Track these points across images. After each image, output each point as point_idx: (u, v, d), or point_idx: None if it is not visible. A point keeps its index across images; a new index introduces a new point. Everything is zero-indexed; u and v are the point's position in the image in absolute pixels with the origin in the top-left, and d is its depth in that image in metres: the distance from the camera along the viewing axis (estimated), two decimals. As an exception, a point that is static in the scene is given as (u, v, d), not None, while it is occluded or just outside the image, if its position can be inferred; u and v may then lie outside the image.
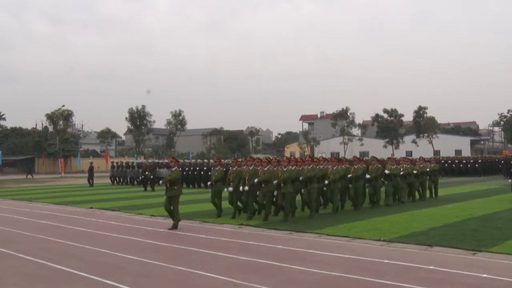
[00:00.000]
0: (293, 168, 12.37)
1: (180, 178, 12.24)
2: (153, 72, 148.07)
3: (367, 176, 14.88)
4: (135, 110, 68.93)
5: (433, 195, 17.73)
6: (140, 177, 27.43)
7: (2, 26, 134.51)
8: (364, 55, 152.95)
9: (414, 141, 65.45)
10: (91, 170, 29.79)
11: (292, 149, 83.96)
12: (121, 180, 30.87)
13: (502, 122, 70.20)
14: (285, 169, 12.03)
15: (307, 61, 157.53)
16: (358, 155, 63.27)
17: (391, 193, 15.59)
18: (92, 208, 16.45)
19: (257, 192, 12.41)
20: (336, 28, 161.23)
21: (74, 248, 9.16)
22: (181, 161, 24.63)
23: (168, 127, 75.45)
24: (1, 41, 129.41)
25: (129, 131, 75.65)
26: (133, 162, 32.90)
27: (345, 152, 68.69)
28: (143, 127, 70.02)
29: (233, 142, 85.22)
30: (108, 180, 32.06)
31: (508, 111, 66.75)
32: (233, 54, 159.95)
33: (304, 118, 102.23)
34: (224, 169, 13.62)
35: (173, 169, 11.62)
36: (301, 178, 12.38)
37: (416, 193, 16.87)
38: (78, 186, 30.27)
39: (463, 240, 9.03)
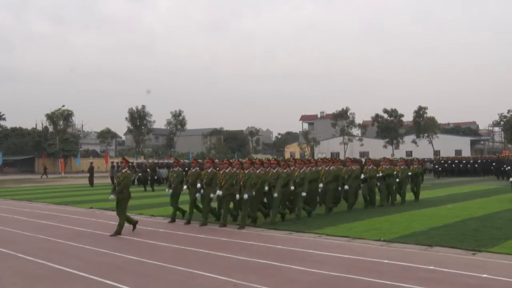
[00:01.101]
0: (257, 171, 11.65)
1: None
2: (153, 72, 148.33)
3: (362, 176, 14.78)
4: (135, 110, 68.92)
5: (416, 198, 16.68)
6: (136, 177, 27.47)
7: (2, 26, 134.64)
8: (364, 55, 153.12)
9: (414, 141, 65.43)
10: (91, 170, 29.82)
11: (292, 149, 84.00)
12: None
13: (502, 122, 70.17)
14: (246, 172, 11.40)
15: (307, 61, 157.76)
16: (358, 155, 63.62)
17: (385, 194, 15.40)
18: (92, 208, 16.45)
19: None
20: (336, 28, 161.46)
21: (74, 248, 9.16)
22: (181, 161, 24.61)
23: (168, 127, 75.41)
24: (2, 41, 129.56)
25: (129, 131, 75.62)
26: (132, 162, 32.88)
27: (345, 152, 68.70)
28: (143, 127, 70.00)
29: (233, 142, 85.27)
30: (108, 180, 32.05)
31: (508, 111, 66.76)
32: (233, 54, 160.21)
33: (304, 118, 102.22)
34: (184, 170, 13.22)
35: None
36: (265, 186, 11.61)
37: (398, 196, 16.04)
38: (78, 186, 30.28)
39: (463, 240, 9.03)
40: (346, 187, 14.01)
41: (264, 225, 11.43)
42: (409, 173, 16.34)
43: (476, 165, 37.23)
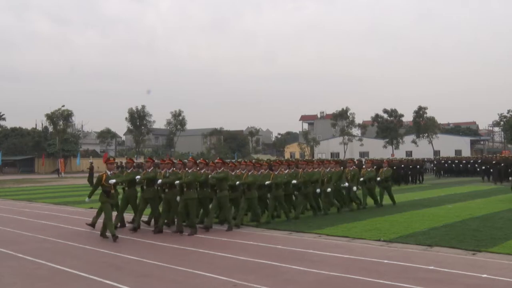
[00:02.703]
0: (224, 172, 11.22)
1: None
2: (153, 72, 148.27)
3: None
4: (135, 110, 68.91)
5: (380, 202, 15.27)
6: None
7: (3, 25, 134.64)
8: (365, 55, 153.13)
9: (414, 141, 65.42)
10: (91, 170, 29.75)
11: (292, 149, 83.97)
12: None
13: (502, 122, 70.12)
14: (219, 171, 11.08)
15: (307, 61, 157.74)
16: (358, 156, 63.62)
17: (366, 197, 14.81)
18: (92, 208, 16.43)
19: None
20: (337, 29, 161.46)
21: (74, 248, 9.16)
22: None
23: (168, 127, 75.39)
24: (3, 40, 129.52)
25: (129, 131, 75.58)
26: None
27: (345, 152, 68.70)
28: (143, 127, 69.98)
29: (233, 142, 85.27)
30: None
31: (508, 111, 66.67)
32: (234, 54, 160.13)
33: (304, 118, 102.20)
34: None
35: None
36: (237, 183, 11.19)
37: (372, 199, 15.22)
38: (78, 186, 30.25)
39: (463, 240, 9.03)
40: (318, 190, 13.10)
41: (264, 225, 11.43)
42: (378, 178, 15.21)
43: (476, 165, 37.14)
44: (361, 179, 14.78)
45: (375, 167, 16.83)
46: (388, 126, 69.13)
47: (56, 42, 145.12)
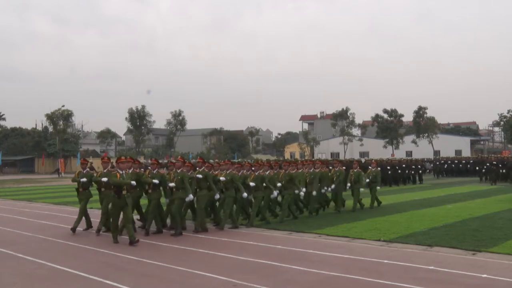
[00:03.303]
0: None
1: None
2: (154, 72, 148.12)
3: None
4: (135, 110, 68.92)
5: (371, 204, 14.81)
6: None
7: (3, 25, 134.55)
8: (365, 55, 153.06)
9: (414, 141, 65.41)
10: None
11: (292, 149, 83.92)
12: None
13: (502, 122, 70.08)
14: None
15: (307, 61, 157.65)
16: (358, 156, 63.60)
17: (340, 200, 14.08)
18: (92, 208, 16.42)
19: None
20: (337, 28, 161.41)
21: (74, 248, 9.16)
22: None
23: (168, 127, 75.40)
24: (3, 40, 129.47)
25: (129, 131, 75.58)
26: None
27: (345, 152, 68.68)
28: (143, 127, 70.00)
29: (233, 142, 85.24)
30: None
31: (508, 111, 66.52)
32: (234, 54, 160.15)
33: (304, 118, 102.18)
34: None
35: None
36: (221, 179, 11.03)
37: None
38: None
39: (463, 240, 9.03)
40: (301, 192, 12.62)
41: (264, 225, 11.44)
42: (366, 180, 14.80)
43: (468, 166, 36.99)
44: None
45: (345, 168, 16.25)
46: (388, 126, 69.10)
47: (56, 42, 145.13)
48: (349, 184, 14.43)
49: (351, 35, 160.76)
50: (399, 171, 27.78)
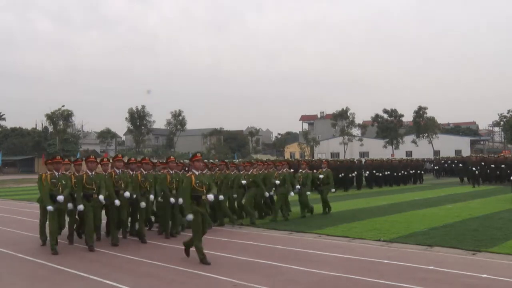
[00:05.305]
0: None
1: None
2: (154, 72, 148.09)
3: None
4: (135, 110, 68.92)
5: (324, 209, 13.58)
6: None
7: (4, 25, 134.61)
8: (365, 55, 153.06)
9: (414, 141, 65.41)
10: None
11: (292, 150, 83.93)
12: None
13: (502, 122, 70.10)
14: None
15: (307, 61, 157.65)
16: (358, 156, 63.56)
17: (306, 204, 12.94)
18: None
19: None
20: (337, 29, 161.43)
21: (74, 248, 9.15)
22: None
23: (168, 127, 75.40)
24: (3, 40, 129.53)
25: (129, 131, 75.57)
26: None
27: (345, 152, 68.68)
28: (143, 127, 69.99)
29: (233, 142, 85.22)
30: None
31: (508, 111, 66.59)
32: (234, 54, 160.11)
33: (304, 118, 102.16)
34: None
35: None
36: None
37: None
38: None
39: (463, 240, 9.03)
40: (267, 194, 12.31)
41: (264, 225, 11.44)
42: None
43: (453, 165, 36.71)
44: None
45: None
46: (388, 126, 69.11)
47: (56, 42, 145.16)
48: (298, 187, 12.81)
49: (352, 35, 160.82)
50: (388, 172, 26.59)
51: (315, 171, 14.82)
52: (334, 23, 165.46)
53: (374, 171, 25.62)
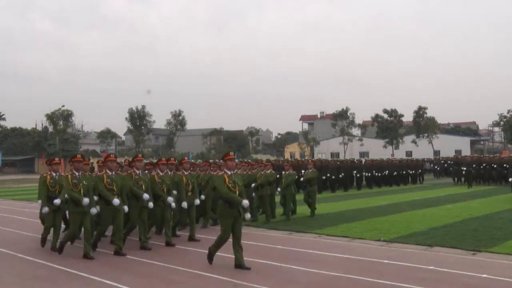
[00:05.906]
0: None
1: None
2: (154, 72, 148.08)
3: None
4: (135, 110, 68.90)
5: (311, 211, 13.09)
6: None
7: (4, 25, 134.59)
8: (365, 55, 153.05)
9: (414, 141, 65.42)
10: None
11: (292, 150, 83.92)
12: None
13: (502, 122, 70.11)
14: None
15: (307, 61, 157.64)
16: (358, 156, 63.57)
17: (290, 204, 12.69)
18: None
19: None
20: (337, 28, 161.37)
21: (74, 248, 9.14)
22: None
23: (168, 127, 75.38)
24: (3, 40, 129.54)
25: (129, 131, 75.55)
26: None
27: (345, 152, 68.67)
28: (143, 127, 69.98)
29: (233, 142, 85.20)
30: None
31: (508, 111, 66.59)
32: (234, 54, 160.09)
33: (304, 118, 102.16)
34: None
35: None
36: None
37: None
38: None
39: (463, 240, 9.04)
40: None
41: (264, 225, 11.44)
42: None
43: (446, 166, 36.61)
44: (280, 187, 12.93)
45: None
46: (388, 126, 69.12)
47: (56, 42, 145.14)
48: (278, 189, 12.78)
49: (352, 35, 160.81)
50: (387, 172, 26.40)
51: (303, 171, 14.58)
52: (334, 23, 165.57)
53: (374, 171, 25.62)
